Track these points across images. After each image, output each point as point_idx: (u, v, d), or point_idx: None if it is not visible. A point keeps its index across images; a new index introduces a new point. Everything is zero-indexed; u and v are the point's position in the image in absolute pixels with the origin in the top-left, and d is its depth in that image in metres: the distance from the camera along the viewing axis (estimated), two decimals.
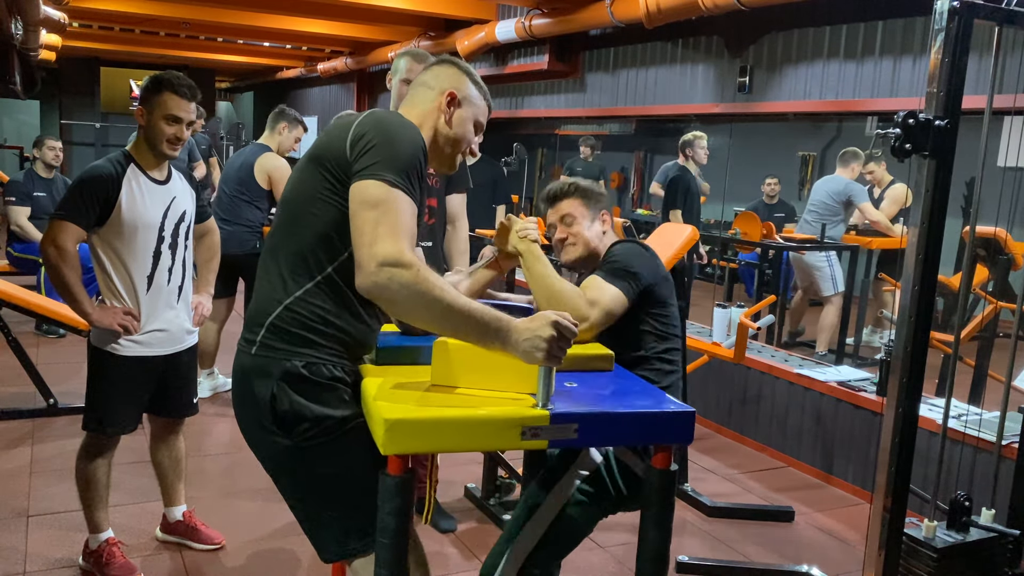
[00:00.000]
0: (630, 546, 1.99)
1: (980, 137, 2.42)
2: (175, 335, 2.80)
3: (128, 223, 2.62)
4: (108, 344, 2.66)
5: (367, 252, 1.57)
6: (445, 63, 1.91)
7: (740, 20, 4.94)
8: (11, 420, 4.23)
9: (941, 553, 2.40)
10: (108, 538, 2.81)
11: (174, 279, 2.76)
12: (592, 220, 2.32)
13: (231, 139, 12.77)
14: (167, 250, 2.72)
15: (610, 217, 2.38)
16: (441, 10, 7.12)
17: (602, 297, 2.10)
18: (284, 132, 4.67)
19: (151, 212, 2.67)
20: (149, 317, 2.71)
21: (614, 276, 2.15)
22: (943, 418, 2.58)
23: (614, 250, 2.26)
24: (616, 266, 2.17)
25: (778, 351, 4.89)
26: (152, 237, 2.67)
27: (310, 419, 1.68)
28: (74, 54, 11.94)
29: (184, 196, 2.80)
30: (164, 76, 2.69)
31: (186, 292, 2.83)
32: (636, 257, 2.21)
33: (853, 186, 5.85)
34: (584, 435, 1.59)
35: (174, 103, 2.65)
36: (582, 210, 2.31)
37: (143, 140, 2.69)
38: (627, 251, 2.24)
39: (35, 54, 8.69)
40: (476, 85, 1.90)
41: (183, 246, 2.79)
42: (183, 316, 2.83)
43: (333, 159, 1.69)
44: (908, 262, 2.23)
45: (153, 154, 2.70)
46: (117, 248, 2.64)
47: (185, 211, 2.79)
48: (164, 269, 2.72)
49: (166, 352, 2.78)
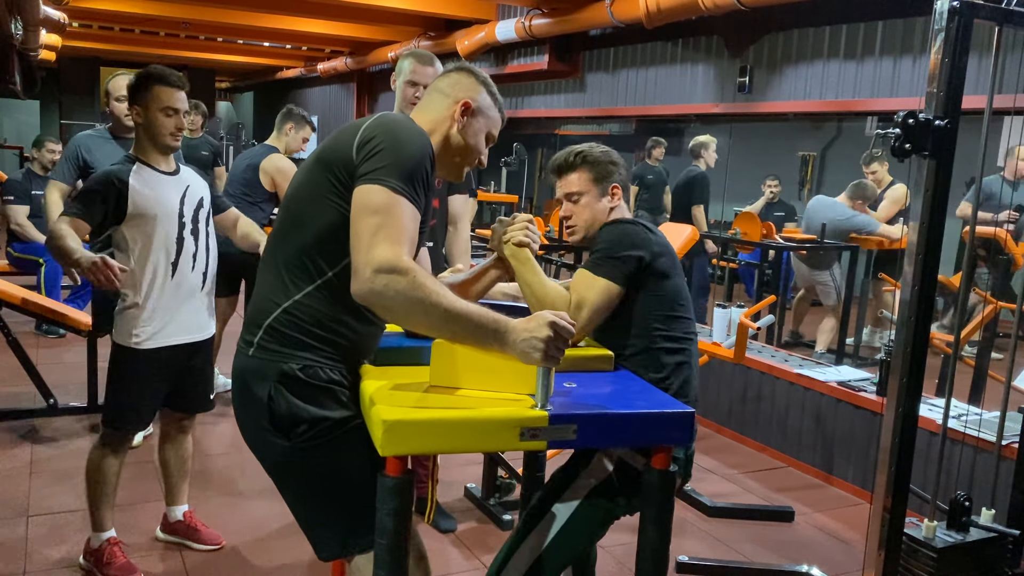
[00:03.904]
0: (630, 546, 1.98)
1: (980, 137, 2.42)
2: (197, 323, 2.81)
3: (146, 213, 2.64)
4: (130, 340, 2.67)
5: (363, 258, 1.55)
6: (464, 71, 1.88)
7: (740, 20, 4.94)
8: (11, 420, 4.22)
9: (941, 553, 2.40)
10: (110, 537, 2.81)
11: (198, 266, 2.78)
12: (601, 195, 2.19)
13: (231, 139, 12.78)
14: (190, 236, 2.74)
15: (621, 190, 2.22)
16: (441, 10, 7.12)
17: (587, 296, 2.03)
18: (291, 132, 4.66)
19: (167, 200, 2.69)
20: (172, 304, 2.72)
21: (599, 266, 2.06)
22: (943, 418, 2.58)
23: (600, 235, 2.15)
24: (600, 255, 2.08)
25: (778, 351, 4.89)
26: (173, 224, 2.69)
27: (308, 421, 1.68)
28: (74, 54, 11.94)
29: (198, 185, 2.83)
30: (151, 71, 2.70)
31: (210, 279, 2.85)
32: (621, 238, 2.09)
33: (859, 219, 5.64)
34: (583, 436, 1.59)
35: (168, 95, 2.66)
36: (589, 185, 2.18)
37: (144, 138, 2.70)
38: (611, 235, 2.12)
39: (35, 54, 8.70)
40: (492, 96, 1.87)
41: (204, 232, 2.81)
42: (205, 304, 2.85)
43: (339, 161, 1.67)
44: (908, 262, 2.23)
45: (157, 149, 2.71)
46: (140, 239, 2.65)
47: (202, 198, 2.82)
48: (188, 256, 2.74)
49: (189, 340, 2.79)
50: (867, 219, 5.67)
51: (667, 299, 2.10)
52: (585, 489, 2.06)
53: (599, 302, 2.03)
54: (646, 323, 2.08)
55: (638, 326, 2.08)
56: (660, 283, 2.09)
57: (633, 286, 2.06)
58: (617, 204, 2.21)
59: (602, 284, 2.04)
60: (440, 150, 1.82)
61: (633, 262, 2.05)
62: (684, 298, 2.15)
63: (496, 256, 2.16)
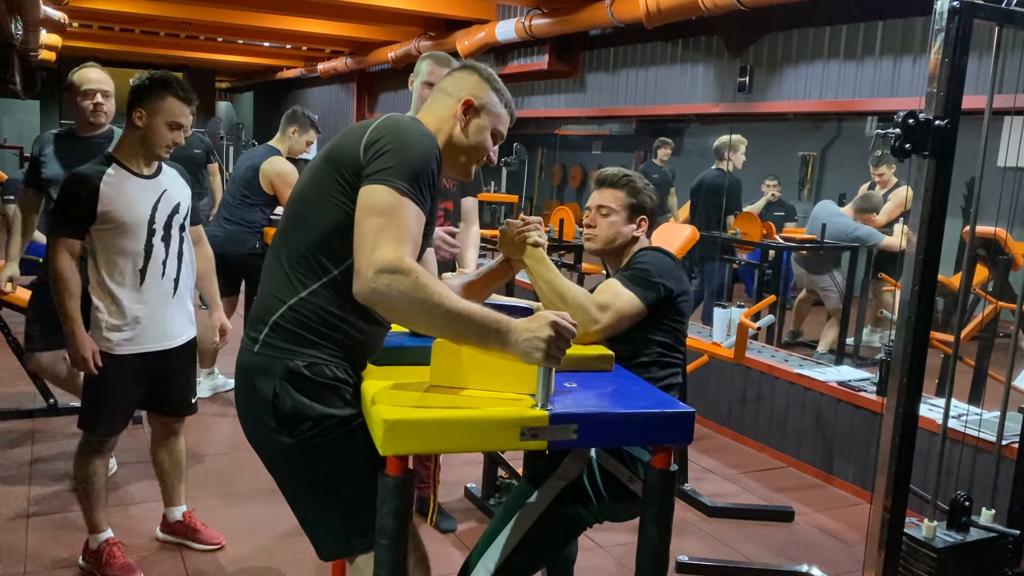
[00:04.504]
0: (630, 546, 1.99)
1: (980, 137, 2.42)
2: (169, 330, 2.76)
3: (114, 221, 2.57)
4: (102, 345, 2.64)
5: (366, 259, 1.56)
6: (467, 69, 1.88)
7: (740, 20, 4.93)
8: (11, 420, 4.23)
9: (941, 553, 2.39)
10: (108, 538, 2.81)
11: (168, 272, 2.72)
12: (628, 221, 2.29)
13: (231, 139, 12.77)
14: (159, 243, 2.67)
15: (647, 226, 2.33)
16: (441, 10, 7.12)
17: (615, 301, 2.09)
18: (294, 136, 4.65)
19: (138, 208, 2.62)
20: (142, 312, 2.67)
21: (634, 282, 2.13)
22: (943, 418, 2.58)
23: (642, 255, 2.23)
24: (639, 273, 2.15)
25: (778, 351, 4.89)
26: (141, 232, 2.62)
27: (312, 418, 1.68)
28: (74, 54, 11.94)
29: (177, 190, 2.75)
30: (168, 78, 2.64)
31: (183, 285, 2.79)
32: (663, 267, 2.18)
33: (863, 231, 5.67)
34: (583, 436, 1.59)
35: (179, 109, 2.61)
36: (623, 207, 2.29)
37: (135, 141, 2.63)
38: (655, 260, 2.21)
39: (35, 54, 8.70)
40: (497, 93, 1.87)
41: (177, 238, 2.74)
42: (179, 311, 2.79)
43: (346, 161, 1.68)
44: (908, 262, 2.23)
45: (145, 155, 2.65)
46: (106, 245, 2.60)
47: (179, 203, 2.74)
48: (157, 263, 2.67)
49: (161, 348, 2.74)
50: (870, 231, 5.70)
51: (675, 336, 2.21)
52: (554, 491, 2.08)
53: (624, 311, 2.10)
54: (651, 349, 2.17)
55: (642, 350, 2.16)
56: (675, 320, 2.20)
57: (654, 313, 2.14)
58: (640, 235, 2.32)
59: (631, 297, 2.11)
60: (446, 149, 1.82)
61: (663, 291, 2.14)
62: (685, 338, 2.27)
63: (502, 257, 2.17)
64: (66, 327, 2.60)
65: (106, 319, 2.64)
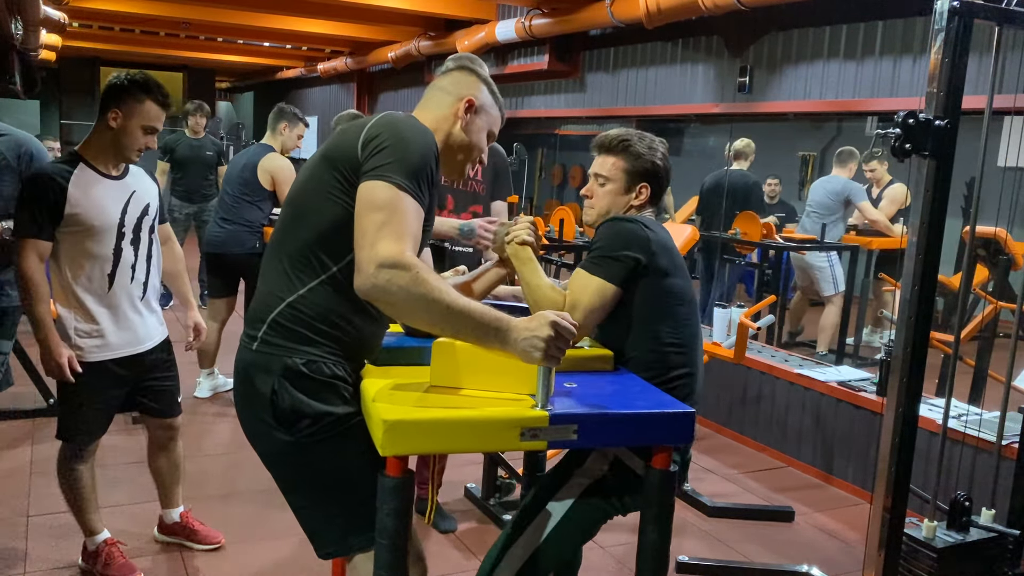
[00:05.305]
0: (630, 546, 1.98)
1: (980, 137, 2.42)
2: (141, 334, 2.68)
3: (81, 224, 2.49)
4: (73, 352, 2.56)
5: (367, 254, 1.56)
6: (465, 69, 1.89)
7: (740, 20, 4.93)
8: (11, 420, 4.23)
9: (941, 553, 2.40)
10: (106, 539, 2.80)
11: (137, 276, 2.64)
12: (626, 190, 2.15)
13: (231, 139, 12.78)
14: (128, 246, 2.59)
15: (647, 192, 2.16)
16: (441, 10, 7.12)
17: (581, 298, 2.00)
18: (285, 131, 4.67)
19: (107, 210, 2.53)
20: (111, 318, 2.60)
21: (595, 266, 2.02)
22: (943, 418, 2.58)
23: (598, 232, 2.09)
24: (597, 254, 2.04)
25: (778, 351, 4.89)
26: (111, 235, 2.54)
27: (311, 416, 1.68)
28: (74, 54, 11.95)
29: (145, 190, 2.67)
30: (148, 81, 2.55)
31: (152, 288, 2.72)
32: (617, 237, 2.03)
33: (851, 185, 5.88)
34: (583, 436, 1.59)
35: (156, 113, 2.54)
36: (619, 174, 2.14)
37: (106, 141, 2.54)
38: (608, 233, 2.06)
39: (35, 54, 8.69)
40: (492, 94, 1.89)
41: (147, 240, 2.66)
42: (149, 314, 2.72)
43: (344, 158, 1.68)
44: (908, 262, 2.23)
45: (115, 157, 2.57)
46: (73, 249, 2.51)
47: (148, 204, 2.66)
48: (126, 267, 2.60)
49: (133, 352, 2.67)
50: (859, 187, 5.94)
51: (666, 298, 2.06)
52: (579, 488, 2.04)
53: (594, 303, 1.99)
54: (646, 323, 2.04)
55: (638, 326, 2.04)
56: (659, 282, 2.04)
57: (631, 286, 2.02)
58: (640, 203, 2.16)
59: (597, 284, 2.00)
60: (443, 148, 1.83)
61: (630, 262, 2.00)
62: (685, 298, 2.09)
63: (498, 258, 2.17)
64: (38, 334, 2.51)
65: (74, 326, 2.56)
